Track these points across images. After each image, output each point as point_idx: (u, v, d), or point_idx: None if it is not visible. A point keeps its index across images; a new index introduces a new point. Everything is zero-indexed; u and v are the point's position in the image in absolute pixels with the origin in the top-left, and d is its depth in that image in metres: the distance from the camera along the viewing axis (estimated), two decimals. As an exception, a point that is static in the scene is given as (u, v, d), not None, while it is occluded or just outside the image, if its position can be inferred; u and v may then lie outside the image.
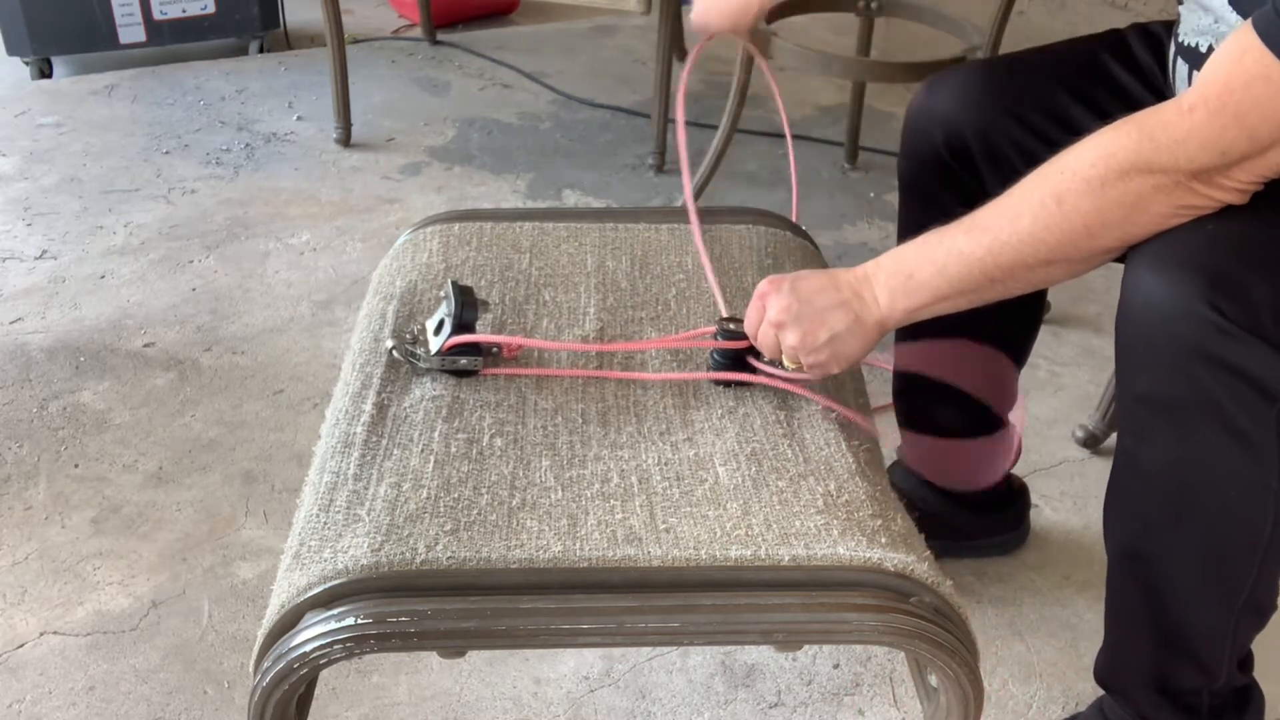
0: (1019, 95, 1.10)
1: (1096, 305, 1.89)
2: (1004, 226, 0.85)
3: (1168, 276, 0.83)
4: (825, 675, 1.22)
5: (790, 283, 0.89)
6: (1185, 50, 1.00)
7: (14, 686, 1.18)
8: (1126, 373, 0.89)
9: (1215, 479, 0.87)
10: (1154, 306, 0.84)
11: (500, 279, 0.99)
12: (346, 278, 1.90)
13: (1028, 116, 1.08)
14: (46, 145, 2.31)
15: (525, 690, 1.19)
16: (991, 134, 1.09)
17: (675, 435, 0.84)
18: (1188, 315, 0.81)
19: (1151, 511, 0.93)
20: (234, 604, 1.28)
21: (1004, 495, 1.38)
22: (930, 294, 0.88)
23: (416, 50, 2.85)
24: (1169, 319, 0.83)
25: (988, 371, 1.25)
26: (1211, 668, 0.99)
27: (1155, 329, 0.84)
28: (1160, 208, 0.82)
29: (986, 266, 0.85)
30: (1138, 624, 1.00)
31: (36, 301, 1.81)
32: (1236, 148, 0.79)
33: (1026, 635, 1.28)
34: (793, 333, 0.87)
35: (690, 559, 0.72)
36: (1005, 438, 1.29)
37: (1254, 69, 0.76)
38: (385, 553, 0.71)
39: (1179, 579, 0.94)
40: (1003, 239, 0.85)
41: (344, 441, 0.81)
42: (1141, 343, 0.86)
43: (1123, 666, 1.05)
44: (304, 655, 0.68)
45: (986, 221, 0.86)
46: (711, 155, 2.02)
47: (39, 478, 1.46)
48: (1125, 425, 0.93)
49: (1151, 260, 0.84)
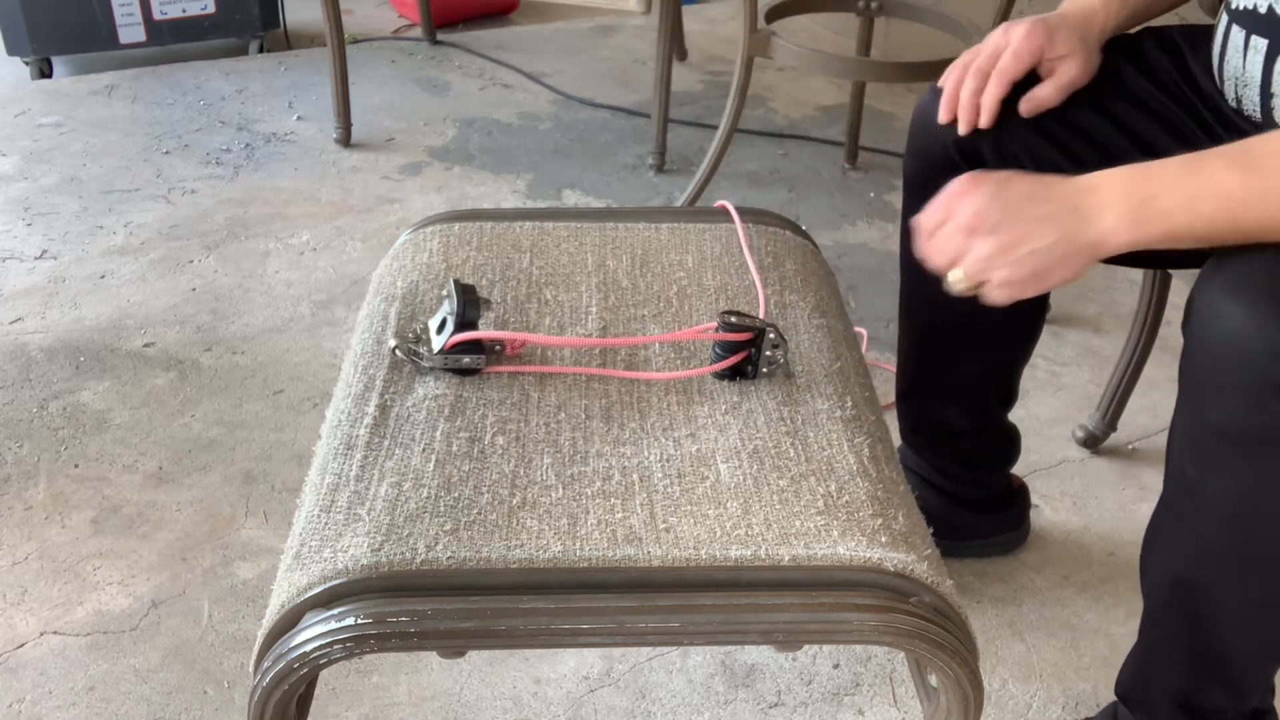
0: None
1: (1096, 305, 1.89)
2: (1274, 169, 0.74)
3: (1246, 303, 0.76)
4: (825, 675, 1.22)
5: (995, 184, 0.79)
6: (1241, 14, 0.94)
7: (14, 686, 1.18)
8: (1197, 401, 0.82)
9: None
10: (1230, 334, 0.77)
11: (501, 278, 0.99)
12: (346, 278, 1.90)
13: (1044, 124, 1.04)
14: (46, 145, 2.32)
15: (525, 690, 1.19)
16: (1006, 141, 1.05)
17: (678, 431, 0.84)
18: (1266, 345, 0.75)
19: (1209, 541, 0.87)
20: (234, 604, 1.28)
21: (1004, 495, 1.38)
22: (1166, 227, 0.78)
23: (416, 50, 2.85)
24: (1245, 349, 0.76)
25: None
26: (1246, 692, 0.97)
27: (1230, 358, 0.77)
28: None
29: (1245, 211, 0.75)
30: (1177, 648, 0.96)
31: (36, 301, 1.81)
32: None
33: (1026, 635, 1.28)
34: (988, 243, 0.78)
35: (690, 559, 0.72)
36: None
37: None
38: (385, 552, 0.71)
39: (1232, 609, 0.90)
40: (1272, 184, 0.74)
41: (346, 443, 0.81)
42: (1215, 371, 0.79)
43: (1152, 684, 1.02)
44: (304, 655, 0.67)
45: (1260, 157, 0.75)
46: (711, 155, 2.02)
47: (39, 478, 1.46)
48: (1190, 454, 0.86)
49: (1228, 286, 0.77)
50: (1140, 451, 1.57)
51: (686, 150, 2.37)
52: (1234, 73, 0.97)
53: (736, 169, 2.30)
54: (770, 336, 0.88)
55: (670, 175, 2.28)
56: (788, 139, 2.45)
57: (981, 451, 1.33)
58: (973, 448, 1.32)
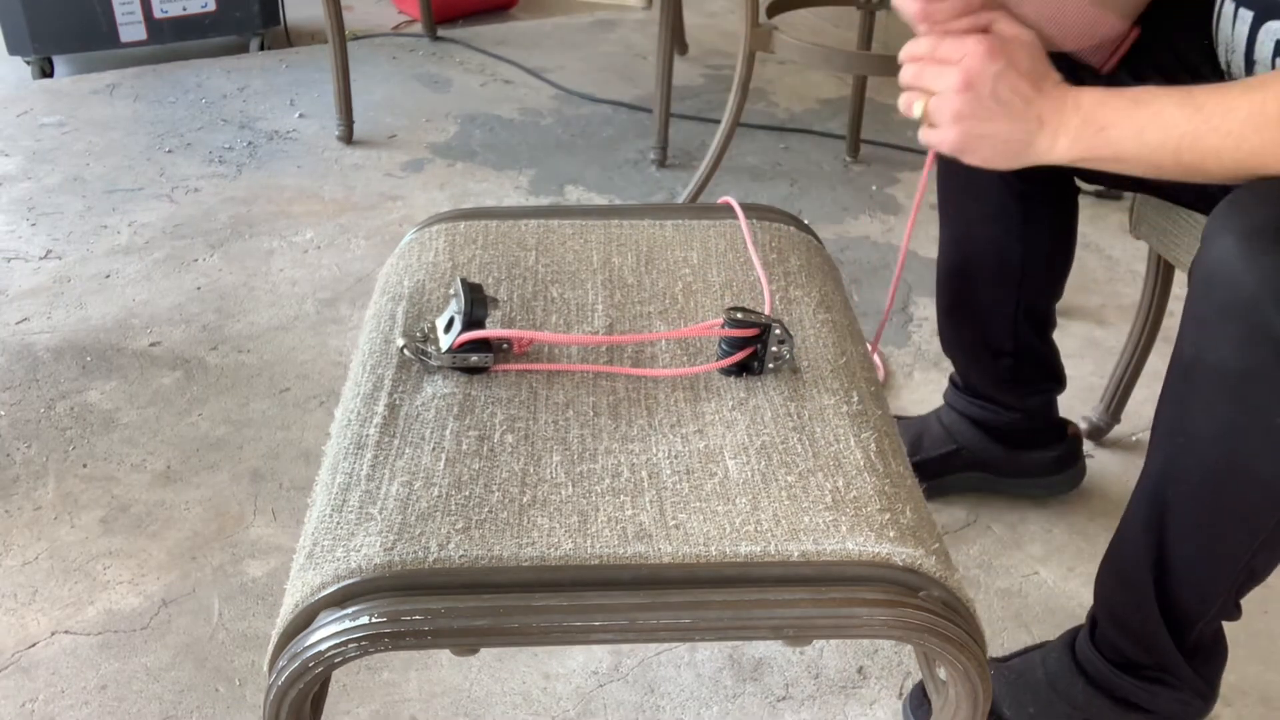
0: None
1: (1099, 297, 1.89)
2: (1217, 111, 0.82)
3: (1249, 248, 0.81)
4: (833, 668, 1.23)
5: (1001, 67, 0.87)
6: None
7: (26, 686, 1.19)
8: (1193, 338, 0.88)
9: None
10: (1227, 273, 0.82)
11: (507, 276, 1.00)
12: (351, 275, 1.91)
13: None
14: (49, 145, 2.32)
15: (535, 685, 1.20)
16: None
17: (686, 427, 0.84)
18: (1259, 287, 0.80)
19: (1184, 466, 0.94)
20: (244, 602, 1.29)
21: (1050, 432, 1.42)
22: (1113, 152, 0.87)
23: (417, 46, 2.85)
24: (1239, 287, 0.81)
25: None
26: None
27: (1226, 295, 0.83)
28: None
29: (1185, 144, 0.83)
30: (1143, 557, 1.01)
31: (42, 302, 1.82)
32: None
33: (1033, 627, 1.29)
34: (961, 101, 0.87)
35: (700, 555, 0.73)
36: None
37: None
38: (398, 551, 0.71)
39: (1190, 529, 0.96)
40: (1213, 124, 0.82)
41: (356, 443, 0.81)
42: (1210, 308, 0.85)
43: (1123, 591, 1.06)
44: (319, 654, 0.68)
45: (1203, 99, 0.83)
46: (714, 150, 2.02)
47: (48, 478, 1.47)
48: (1181, 384, 0.92)
49: (1237, 230, 0.82)
50: (1144, 443, 1.57)
51: (688, 144, 2.37)
52: (1225, 39, 1.02)
53: (738, 163, 2.31)
54: (776, 332, 0.88)
55: (672, 170, 2.28)
56: (789, 133, 2.45)
57: (1020, 374, 1.36)
58: (1013, 370, 1.36)
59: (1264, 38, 0.97)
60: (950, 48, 0.90)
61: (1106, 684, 1.07)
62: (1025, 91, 0.88)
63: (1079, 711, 1.08)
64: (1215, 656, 1.08)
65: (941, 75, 0.90)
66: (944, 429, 1.42)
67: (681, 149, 2.35)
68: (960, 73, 0.88)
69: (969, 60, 0.88)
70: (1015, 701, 1.11)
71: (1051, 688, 1.10)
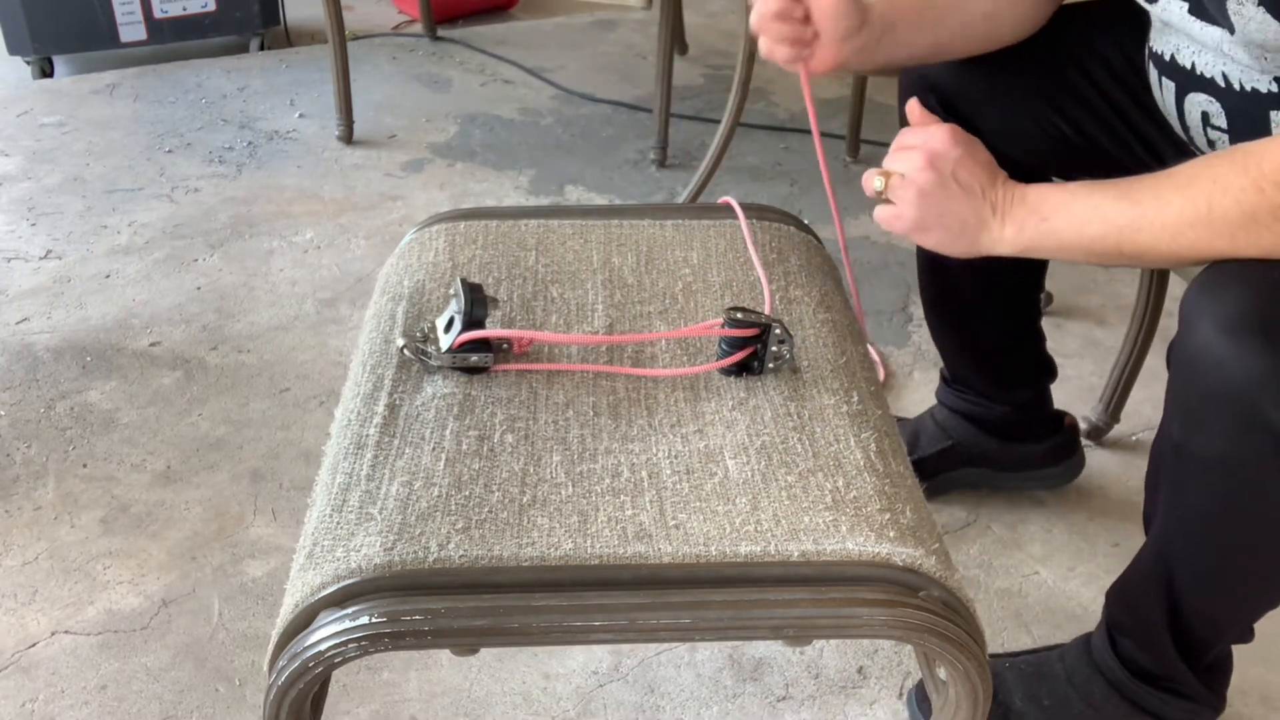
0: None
1: (1099, 297, 1.89)
2: (1152, 206, 0.85)
3: (1232, 334, 0.82)
4: (833, 668, 1.23)
5: (959, 155, 0.91)
6: (1154, 56, 1.03)
7: (27, 686, 1.19)
8: (1182, 422, 0.89)
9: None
10: (1214, 363, 0.83)
11: (507, 276, 1.00)
12: (351, 275, 1.90)
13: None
14: (49, 145, 2.32)
15: (535, 685, 1.20)
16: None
17: (686, 427, 0.84)
18: (1248, 375, 0.81)
19: (1186, 539, 0.96)
20: (244, 602, 1.29)
21: (1045, 425, 1.43)
22: (1056, 242, 0.90)
23: (417, 46, 2.85)
24: (1229, 378, 0.82)
25: None
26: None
27: (1214, 386, 0.84)
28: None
29: (1124, 237, 0.86)
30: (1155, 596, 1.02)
31: (42, 302, 1.82)
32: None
33: (1033, 627, 1.29)
34: (924, 179, 0.91)
35: (700, 555, 0.73)
36: None
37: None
38: (398, 551, 0.71)
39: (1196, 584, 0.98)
40: (1149, 217, 0.85)
41: (356, 443, 0.81)
42: (1199, 397, 0.86)
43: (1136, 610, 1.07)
44: (319, 654, 0.68)
45: (1139, 194, 0.86)
46: (714, 150, 2.02)
47: (48, 478, 1.47)
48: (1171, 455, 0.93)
49: (1215, 316, 0.83)
50: (1143, 443, 1.57)
51: (688, 144, 2.37)
52: (1159, 103, 1.06)
53: (738, 163, 2.31)
54: (776, 332, 0.88)
55: (672, 170, 2.28)
56: (789, 132, 2.45)
57: (1007, 365, 1.37)
58: (999, 361, 1.37)
59: (1190, 108, 1.00)
60: (913, 135, 0.95)
61: (1122, 687, 1.08)
62: (981, 178, 0.92)
63: (1095, 709, 1.09)
64: (1225, 671, 1.09)
65: (905, 157, 0.93)
66: (938, 425, 1.42)
67: (681, 149, 2.35)
68: (923, 153, 0.92)
69: (932, 142, 0.93)
70: (1029, 694, 1.12)
71: (1069, 683, 1.11)
